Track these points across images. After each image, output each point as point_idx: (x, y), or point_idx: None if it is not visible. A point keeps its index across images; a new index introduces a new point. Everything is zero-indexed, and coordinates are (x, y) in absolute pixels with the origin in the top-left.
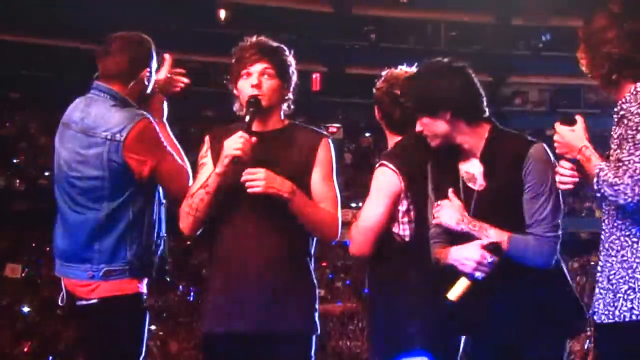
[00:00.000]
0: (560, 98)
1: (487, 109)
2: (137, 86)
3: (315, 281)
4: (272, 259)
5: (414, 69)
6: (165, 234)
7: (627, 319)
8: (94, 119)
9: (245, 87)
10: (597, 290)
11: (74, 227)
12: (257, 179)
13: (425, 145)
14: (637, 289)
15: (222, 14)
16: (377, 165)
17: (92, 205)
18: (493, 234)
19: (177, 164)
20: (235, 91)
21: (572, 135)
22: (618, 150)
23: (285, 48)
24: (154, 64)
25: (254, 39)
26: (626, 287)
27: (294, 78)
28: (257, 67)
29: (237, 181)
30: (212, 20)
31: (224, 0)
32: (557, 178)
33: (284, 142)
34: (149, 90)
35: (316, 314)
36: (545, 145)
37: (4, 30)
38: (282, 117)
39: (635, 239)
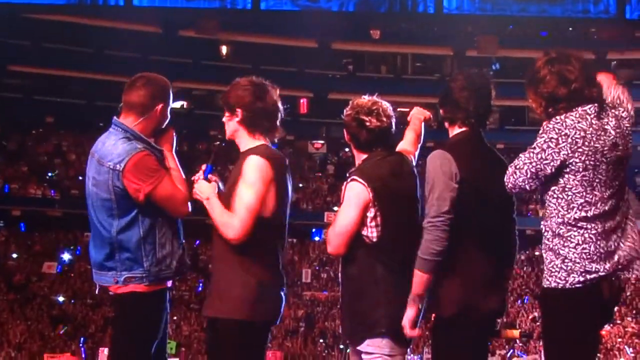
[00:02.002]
0: (508, 117)
1: None
2: (152, 117)
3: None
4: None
5: (376, 98)
6: (183, 241)
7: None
8: (105, 150)
9: None
10: None
11: (100, 240)
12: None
13: (387, 161)
14: (547, 262)
15: (224, 49)
16: (348, 179)
17: (108, 222)
18: None
19: (170, 189)
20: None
21: None
22: None
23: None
24: (170, 101)
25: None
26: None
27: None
28: None
29: None
30: (216, 55)
31: (225, 38)
32: None
33: None
34: (164, 125)
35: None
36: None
37: (42, 64)
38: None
39: (545, 228)
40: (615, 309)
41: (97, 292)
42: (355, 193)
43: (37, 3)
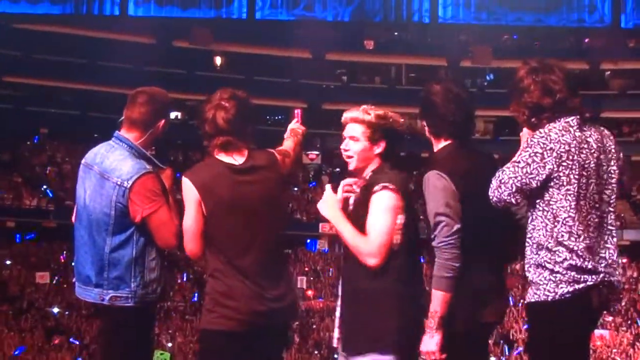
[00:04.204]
0: (502, 128)
1: None
2: (154, 133)
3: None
4: None
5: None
6: (167, 265)
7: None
8: (110, 165)
9: None
10: None
11: (90, 255)
12: None
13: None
14: (528, 278)
15: (218, 60)
16: (379, 189)
17: (101, 238)
18: None
19: (166, 218)
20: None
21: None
22: None
23: None
24: (169, 116)
25: None
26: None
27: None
28: None
29: None
30: (210, 65)
31: (219, 49)
32: None
33: None
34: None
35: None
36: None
37: (35, 75)
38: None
39: (530, 242)
40: (610, 318)
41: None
42: (392, 201)
43: (32, 13)
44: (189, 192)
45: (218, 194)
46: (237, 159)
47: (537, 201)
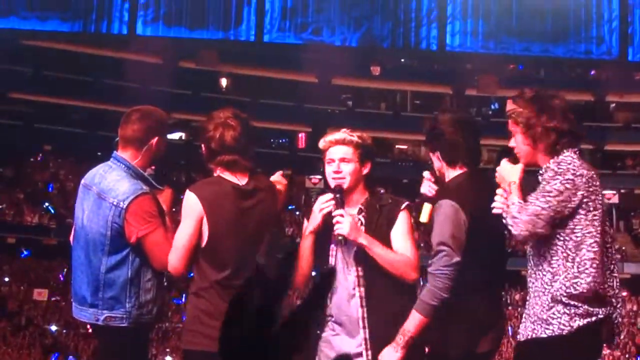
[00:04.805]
0: (507, 156)
1: None
2: (149, 151)
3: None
4: None
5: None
6: (165, 286)
7: (522, 338)
8: (107, 185)
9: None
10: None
11: (86, 275)
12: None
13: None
14: (531, 314)
15: (224, 82)
16: (403, 207)
17: (97, 259)
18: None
19: (161, 240)
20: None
21: (508, 170)
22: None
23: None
24: (165, 134)
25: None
26: (527, 310)
27: None
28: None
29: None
30: (215, 87)
31: (225, 71)
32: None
33: None
34: (160, 156)
35: None
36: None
37: (42, 92)
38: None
39: (544, 272)
40: (608, 351)
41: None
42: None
43: (41, 30)
44: (193, 206)
45: (223, 212)
46: (240, 180)
47: (559, 231)
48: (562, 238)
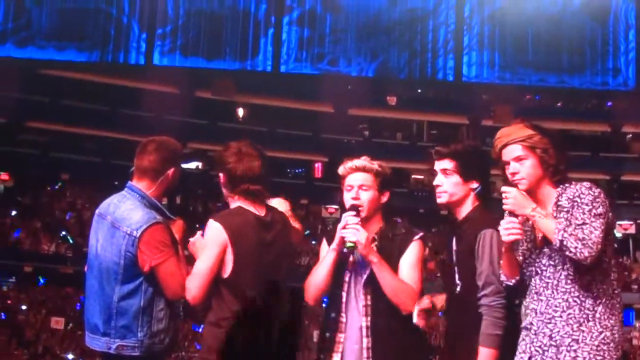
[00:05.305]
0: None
1: None
2: (164, 182)
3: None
4: None
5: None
6: (180, 317)
7: None
8: (121, 214)
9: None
10: (530, 349)
11: (98, 304)
12: None
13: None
14: (580, 341)
15: (240, 112)
16: (416, 238)
17: (110, 287)
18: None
19: (174, 269)
20: None
21: (522, 197)
22: (568, 215)
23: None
24: (180, 165)
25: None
26: (569, 340)
27: None
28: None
29: None
30: (232, 116)
31: (242, 101)
32: (503, 231)
33: None
34: (174, 186)
35: None
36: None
37: (60, 121)
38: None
39: (583, 298)
40: None
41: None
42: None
43: (58, 60)
44: (218, 235)
45: (247, 243)
46: (259, 211)
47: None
48: (600, 261)
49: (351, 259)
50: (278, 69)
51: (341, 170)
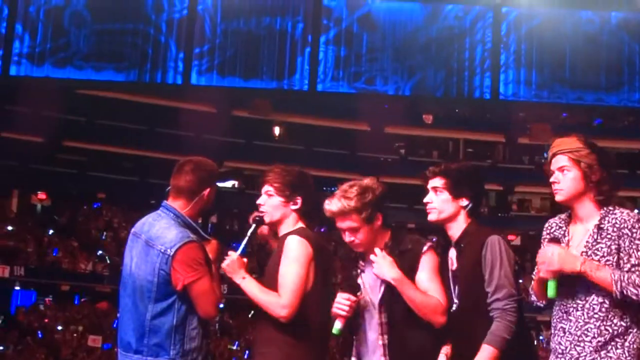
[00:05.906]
0: (560, 205)
1: None
2: (200, 202)
3: None
4: None
5: None
6: (217, 335)
7: None
8: (155, 233)
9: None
10: None
11: (132, 322)
12: None
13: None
14: None
15: (277, 130)
16: (425, 250)
17: (143, 305)
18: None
19: (207, 288)
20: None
21: (565, 252)
22: (612, 244)
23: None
24: (216, 186)
25: None
26: None
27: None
28: None
29: None
30: (269, 135)
31: (279, 119)
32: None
33: None
34: (210, 207)
35: None
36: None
37: (96, 141)
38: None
39: (616, 327)
40: None
41: None
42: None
43: (95, 80)
44: (306, 251)
45: (322, 259)
46: None
47: None
48: None
49: (360, 281)
50: (315, 88)
51: (326, 212)
